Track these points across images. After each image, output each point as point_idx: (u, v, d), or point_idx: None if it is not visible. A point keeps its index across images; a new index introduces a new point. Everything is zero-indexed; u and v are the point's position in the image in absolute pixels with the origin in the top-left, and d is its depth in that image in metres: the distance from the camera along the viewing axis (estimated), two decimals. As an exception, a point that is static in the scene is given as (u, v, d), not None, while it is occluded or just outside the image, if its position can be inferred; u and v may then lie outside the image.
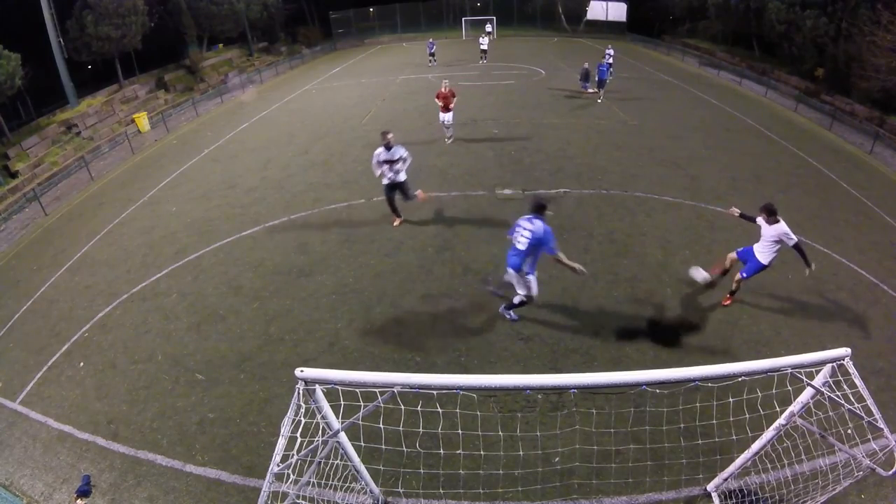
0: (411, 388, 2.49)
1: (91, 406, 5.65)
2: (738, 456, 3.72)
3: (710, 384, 2.57)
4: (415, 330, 6.36)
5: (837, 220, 9.12)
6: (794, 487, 3.85)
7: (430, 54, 24.76)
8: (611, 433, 4.40)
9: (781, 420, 3.14)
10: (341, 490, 3.60)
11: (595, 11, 35.45)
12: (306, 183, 11.08)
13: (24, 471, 4.98)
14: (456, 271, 7.48)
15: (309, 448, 2.76)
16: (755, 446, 3.48)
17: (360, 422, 2.73)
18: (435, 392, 2.56)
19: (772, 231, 5.72)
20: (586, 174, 10.82)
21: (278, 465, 2.62)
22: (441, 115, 12.24)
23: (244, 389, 5.61)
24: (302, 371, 2.57)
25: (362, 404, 2.64)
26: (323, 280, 7.47)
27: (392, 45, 34.75)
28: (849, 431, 3.51)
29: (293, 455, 2.66)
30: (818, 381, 2.79)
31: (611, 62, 17.35)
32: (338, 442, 3.06)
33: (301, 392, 2.61)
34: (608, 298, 6.75)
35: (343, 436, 3.08)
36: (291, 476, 2.63)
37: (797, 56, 21.02)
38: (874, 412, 2.69)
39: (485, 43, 24.76)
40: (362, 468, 3.55)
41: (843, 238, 8.42)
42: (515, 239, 5.59)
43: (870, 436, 3.37)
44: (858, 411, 2.68)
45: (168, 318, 6.96)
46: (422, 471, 4.16)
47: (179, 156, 14.37)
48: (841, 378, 2.78)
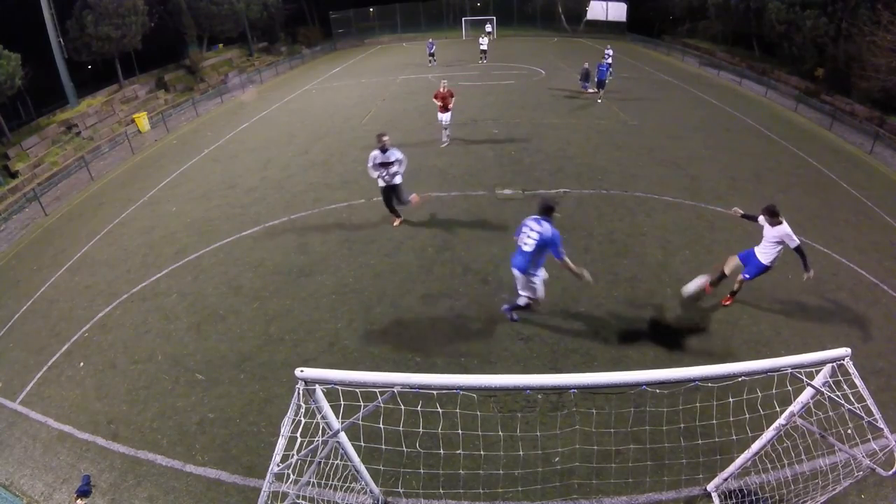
0: (411, 388, 2.49)
1: (91, 406, 5.66)
2: (738, 456, 3.72)
3: (710, 384, 2.57)
4: (415, 330, 6.36)
5: (837, 220, 9.12)
6: (794, 487, 3.85)
7: (430, 54, 24.76)
8: (611, 433, 4.40)
9: (781, 420, 3.15)
10: (341, 490, 3.60)
11: (595, 11, 35.46)
12: (306, 183, 11.08)
13: (24, 471, 4.98)
14: (456, 271, 7.48)
15: (309, 448, 2.76)
16: (755, 446, 3.48)
17: (360, 422, 2.73)
18: (435, 392, 2.56)
19: (774, 232, 5.72)
20: (586, 174, 10.82)
21: (278, 465, 2.62)
22: (439, 116, 12.24)
23: (244, 389, 5.61)
24: (302, 371, 2.57)
25: (362, 404, 2.65)
26: (323, 280, 7.47)
27: (392, 45, 34.75)
28: (849, 431, 3.51)
29: (293, 455, 2.66)
30: (818, 381, 2.79)
31: (610, 62, 17.36)
32: (338, 442, 3.06)
33: (301, 392, 2.62)
34: (608, 298, 6.75)
35: (343, 436, 3.08)
36: (291, 476, 2.63)
37: (797, 56, 21.02)
38: (874, 412, 2.69)
39: (484, 43, 24.76)
40: (362, 468, 3.55)
41: (843, 238, 8.42)
42: (521, 240, 5.45)
43: (870, 436, 3.37)
44: (858, 411, 2.68)
45: (168, 318, 6.96)
46: (422, 471, 4.16)
47: (179, 156, 14.37)
48: (841, 378, 2.78)
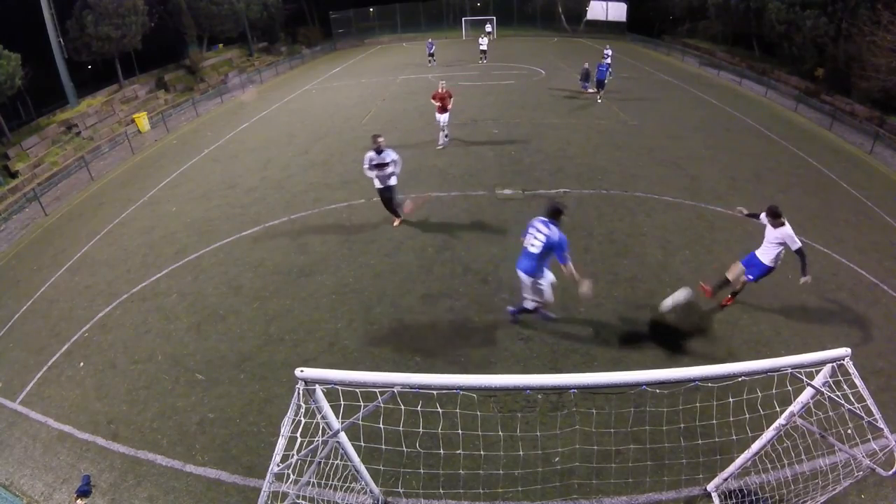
0: (411, 388, 2.49)
1: (91, 406, 5.65)
2: (738, 456, 3.72)
3: (710, 384, 2.57)
4: (415, 330, 6.36)
5: (837, 220, 9.12)
6: (794, 487, 3.85)
7: (430, 54, 24.74)
8: (611, 433, 4.40)
9: (781, 420, 3.14)
10: (341, 490, 3.60)
11: (595, 11, 35.47)
12: (306, 183, 11.08)
13: (24, 471, 4.98)
14: (456, 271, 7.48)
15: (309, 448, 2.76)
16: (755, 446, 3.48)
17: (360, 422, 2.73)
18: (435, 392, 2.56)
19: (776, 233, 5.70)
20: (586, 174, 10.81)
21: (278, 465, 2.62)
22: (437, 117, 12.17)
23: (244, 389, 5.61)
24: (302, 371, 2.57)
25: (362, 404, 2.65)
26: (323, 280, 7.47)
27: (392, 46, 34.75)
28: (849, 431, 3.51)
29: (293, 455, 2.66)
30: (818, 381, 2.79)
31: (609, 62, 17.34)
32: (338, 442, 3.06)
33: (301, 392, 2.61)
34: (608, 298, 6.74)
35: (343, 436, 3.08)
36: (291, 476, 2.63)
37: (797, 56, 21.02)
38: (874, 412, 2.68)
39: (484, 43, 24.74)
40: (362, 468, 3.55)
41: (843, 238, 8.42)
42: (528, 241, 5.29)
43: (870, 436, 3.37)
44: (858, 411, 2.68)
45: (168, 318, 6.96)
46: (422, 471, 4.16)
47: (179, 156, 14.37)
48: (841, 378, 2.78)
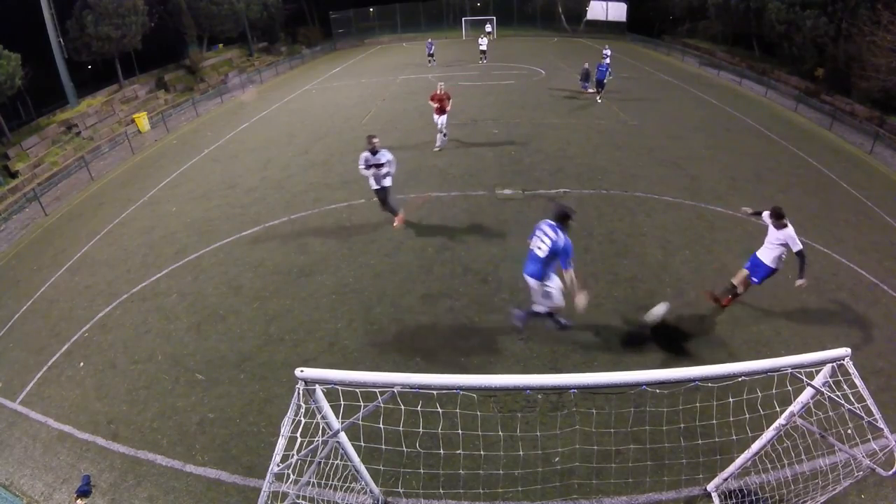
0: (411, 388, 2.49)
1: (91, 406, 5.65)
2: (738, 456, 3.72)
3: (710, 384, 2.57)
4: (415, 330, 6.36)
5: (837, 220, 9.12)
6: (794, 487, 3.85)
7: (430, 54, 24.73)
8: (611, 433, 4.40)
9: (781, 420, 3.14)
10: (341, 490, 3.60)
11: (595, 11, 35.47)
12: (306, 183, 11.08)
13: (24, 471, 4.98)
14: (456, 271, 7.48)
15: (309, 448, 2.76)
16: (755, 446, 3.48)
17: (360, 422, 2.73)
18: (435, 392, 2.56)
19: (779, 235, 5.69)
20: (586, 174, 10.81)
21: (278, 465, 2.62)
22: (436, 118, 12.04)
23: (244, 389, 5.61)
24: (302, 371, 2.57)
25: (362, 404, 2.64)
26: (323, 280, 7.47)
27: (392, 46, 34.75)
28: (849, 431, 3.51)
29: (293, 455, 2.66)
30: (818, 381, 2.79)
31: (608, 62, 17.33)
32: (338, 442, 3.06)
33: (301, 392, 2.61)
34: (608, 298, 6.74)
35: (343, 436, 3.08)
36: (291, 476, 2.63)
37: (797, 56, 21.02)
38: (874, 412, 2.68)
39: (484, 43, 24.73)
40: (362, 468, 3.55)
41: (843, 238, 8.42)
42: (535, 244, 5.17)
43: (870, 436, 3.37)
44: (858, 411, 2.68)
45: (168, 318, 6.96)
46: (422, 471, 4.17)
47: (179, 156, 14.37)
48: (841, 378, 2.78)
